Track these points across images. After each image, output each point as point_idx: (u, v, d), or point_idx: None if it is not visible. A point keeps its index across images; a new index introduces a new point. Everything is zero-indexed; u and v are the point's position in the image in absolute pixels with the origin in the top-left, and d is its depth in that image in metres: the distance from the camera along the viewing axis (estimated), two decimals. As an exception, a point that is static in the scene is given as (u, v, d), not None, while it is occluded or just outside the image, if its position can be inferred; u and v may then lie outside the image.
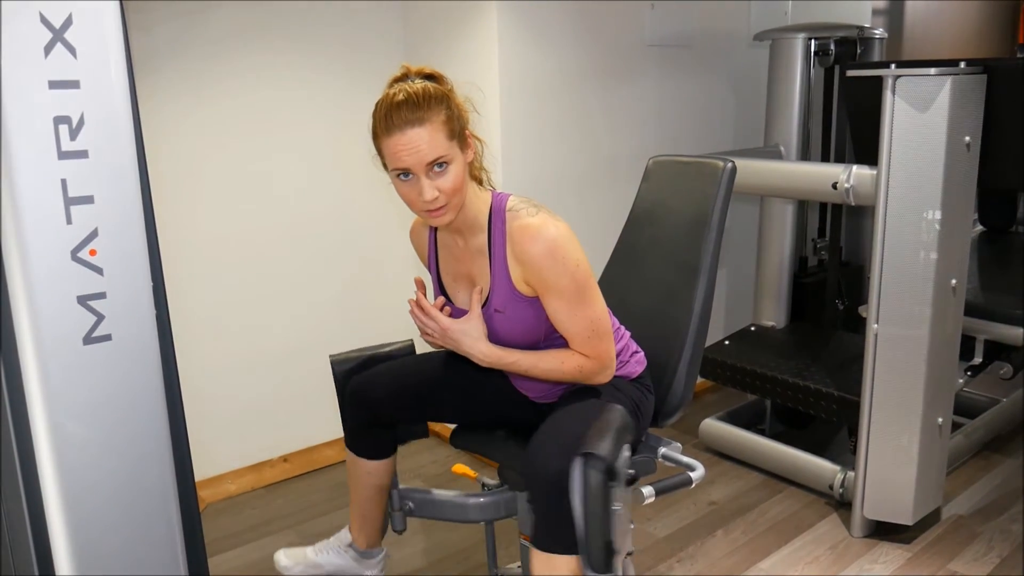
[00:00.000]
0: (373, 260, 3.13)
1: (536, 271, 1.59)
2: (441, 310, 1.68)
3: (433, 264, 1.80)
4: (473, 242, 1.68)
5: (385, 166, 1.60)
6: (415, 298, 1.69)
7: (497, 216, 1.64)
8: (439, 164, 1.53)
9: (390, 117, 1.51)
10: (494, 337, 1.68)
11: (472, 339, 1.64)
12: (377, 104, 1.56)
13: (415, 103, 1.50)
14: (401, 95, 1.52)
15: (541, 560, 1.53)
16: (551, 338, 1.69)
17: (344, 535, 2.02)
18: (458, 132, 1.56)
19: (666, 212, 1.97)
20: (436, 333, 1.67)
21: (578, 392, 1.74)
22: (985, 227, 3.59)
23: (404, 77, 1.59)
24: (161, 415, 1.28)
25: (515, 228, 1.60)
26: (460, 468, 2.08)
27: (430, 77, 1.59)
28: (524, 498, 1.92)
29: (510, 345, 1.68)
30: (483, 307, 1.67)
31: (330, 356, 1.97)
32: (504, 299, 1.65)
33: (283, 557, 2.01)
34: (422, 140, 1.50)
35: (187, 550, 1.35)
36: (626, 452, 1.53)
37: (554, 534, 1.51)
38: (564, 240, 1.57)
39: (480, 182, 1.71)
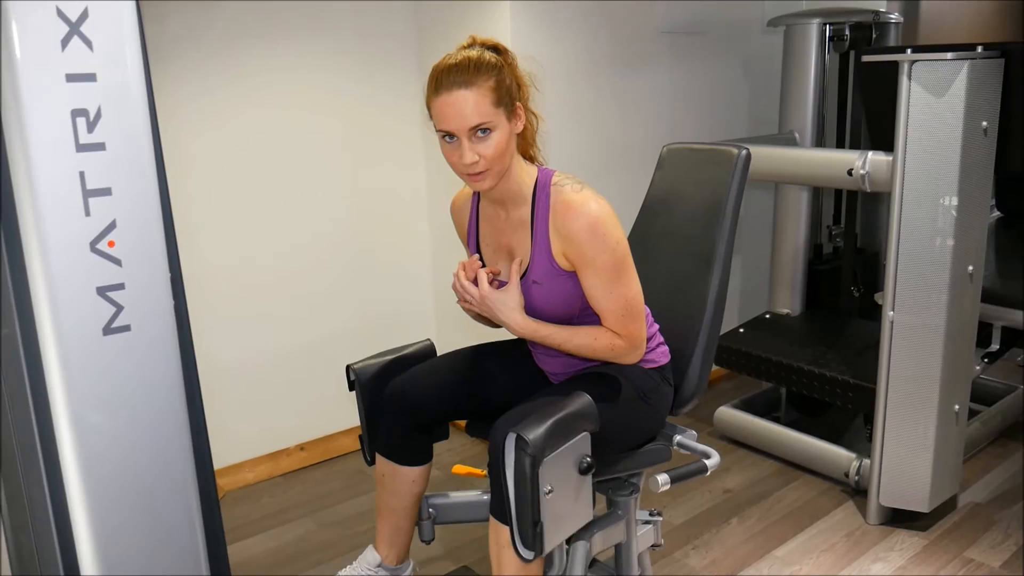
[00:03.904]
0: (390, 253, 3.14)
1: (576, 246, 1.61)
2: (490, 283, 1.70)
3: (473, 236, 1.81)
4: (516, 214, 1.70)
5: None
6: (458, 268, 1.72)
7: (542, 189, 1.66)
8: (482, 130, 1.56)
9: (441, 78, 1.56)
10: (530, 308, 1.70)
11: (509, 309, 1.66)
12: (433, 67, 1.60)
13: (466, 67, 1.55)
14: (455, 59, 1.57)
15: (492, 525, 1.61)
16: (586, 313, 1.70)
17: (371, 556, 1.95)
18: (507, 102, 1.58)
19: (680, 200, 1.97)
20: (475, 300, 1.68)
21: (579, 377, 1.75)
22: (1002, 213, 3.56)
23: (469, 46, 1.63)
24: (180, 404, 1.29)
25: (559, 202, 1.63)
26: (461, 469, 2.07)
27: (494, 48, 1.63)
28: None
29: (545, 317, 1.69)
30: (521, 278, 1.69)
31: (348, 366, 1.92)
32: (543, 271, 1.67)
33: None
34: (467, 103, 1.54)
35: (206, 537, 1.36)
36: (581, 441, 1.57)
37: (497, 503, 1.57)
38: (606, 217, 1.60)
39: (531, 158, 1.73)
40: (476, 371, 1.91)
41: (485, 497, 1.94)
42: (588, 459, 1.58)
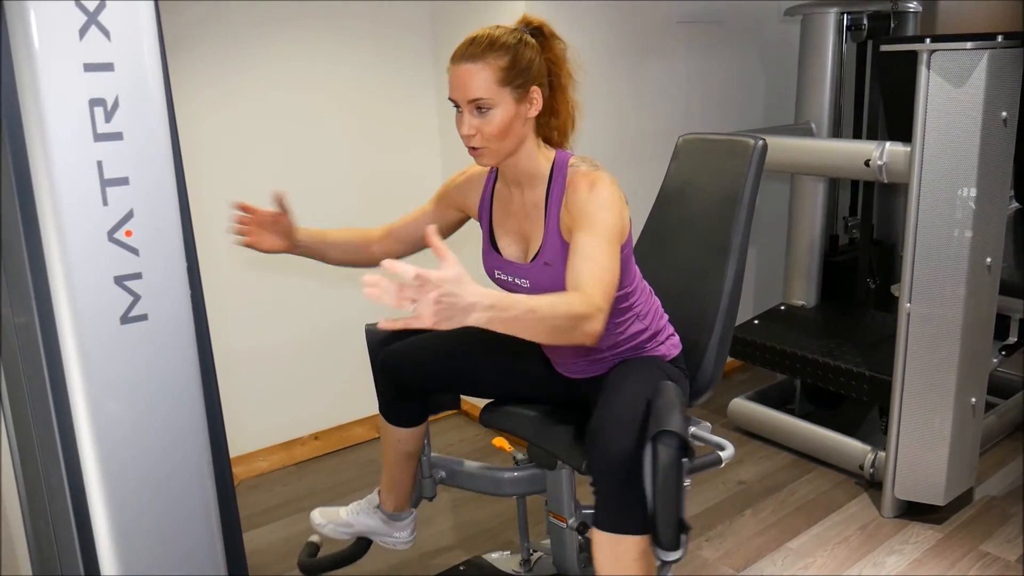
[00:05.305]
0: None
1: (577, 207, 1.58)
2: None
3: (486, 217, 1.80)
4: (530, 195, 1.69)
5: None
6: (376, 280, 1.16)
7: (559, 171, 1.66)
8: (482, 106, 1.57)
9: (458, 49, 1.59)
10: (541, 290, 1.67)
11: (469, 283, 1.20)
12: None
13: (480, 42, 1.57)
14: (477, 33, 1.59)
15: (608, 541, 1.53)
16: None
17: (374, 497, 2.07)
18: (518, 83, 1.58)
19: (696, 191, 1.96)
20: (428, 298, 1.15)
21: (621, 372, 1.72)
22: (1021, 204, 3.53)
23: (511, 27, 1.64)
24: (196, 393, 1.30)
25: (572, 179, 1.62)
26: (500, 441, 2.11)
27: (536, 30, 1.65)
28: (553, 476, 1.93)
29: None
30: (532, 261, 1.68)
31: (366, 325, 2.02)
32: (554, 252, 1.64)
33: (317, 515, 2.09)
34: (470, 76, 1.56)
35: (222, 525, 1.37)
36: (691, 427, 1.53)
37: (623, 515, 1.50)
38: (612, 193, 1.58)
39: (551, 142, 1.70)
40: (476, 350, 1.91)
41: (505, 473, 2.00)
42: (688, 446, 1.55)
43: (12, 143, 1.13)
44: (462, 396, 2.17)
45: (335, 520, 2.08)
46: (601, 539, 1.53)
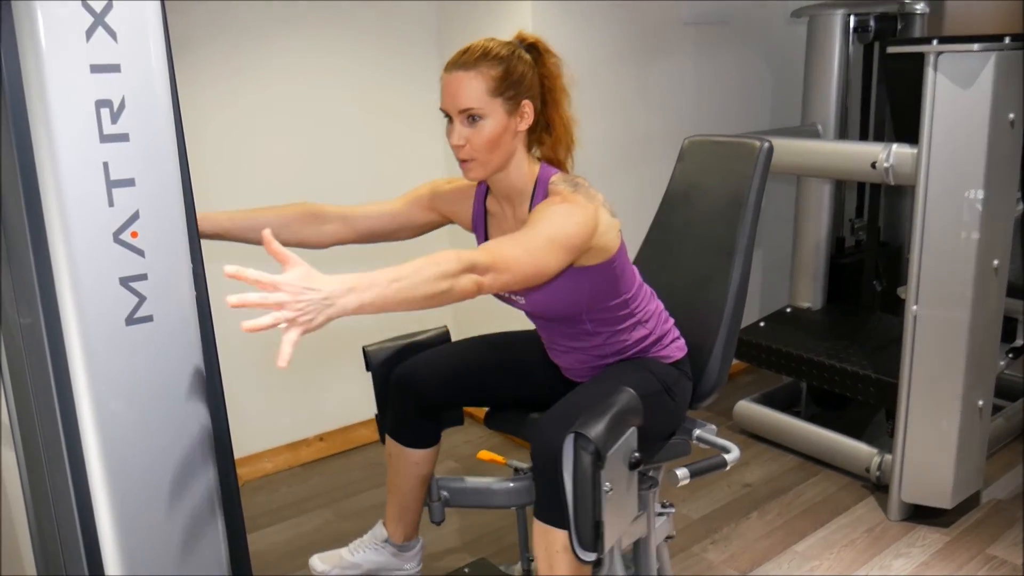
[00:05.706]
0: (407, 241, 3.14)
1: (534, 211, 1.55)
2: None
3: (481, 232, 1.80)
4: (520, 212, 1.69)
5: None
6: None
7: (540, 188, 1.65)
8: (472, 116, 1.56)
9: (452, 58, 1.60)
10: (535, 309, 1.66)
11: (319, 275, 1.33)
12: None
13: (474, 51, 1.58)
14: (471, 44, 1.59)
15: (540, 529, 1.57)
16: (593, 310, 1.69)
17: (379, 531, 1.99)
18: (509, 95, 1.58)
19: (701, 193, 1.95)
20: (281, 296, 1.30)
21: (606, 373, 1.74)
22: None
23: (515, 40, 1.65)
24: (201, 395, 1.30)
25: (549, 195, 1.61)
26: (486, 455, 2.08)
27: (531, 47, 1.64)
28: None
29: (550, 317, 1.66)
30: None
31: (364, 347, 1.96)
32: None
33: (318, 562, 1.98)
34: (462, 84, 1.56)
35: (227, 525, 1.37)
36: (631, 436, 1.54)
37: (551, 507, 1.54)
38: (577, 207, 1.53)
39: (559, 163, 1.69)
40: (487, 360, 1.91)
41: (499, 484, 1.96)
42: (636, 454, 1.56)
43: (18, 144, 1.13)
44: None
45: (339, 564, 1.97)
46: (537, 528, 1.58)
